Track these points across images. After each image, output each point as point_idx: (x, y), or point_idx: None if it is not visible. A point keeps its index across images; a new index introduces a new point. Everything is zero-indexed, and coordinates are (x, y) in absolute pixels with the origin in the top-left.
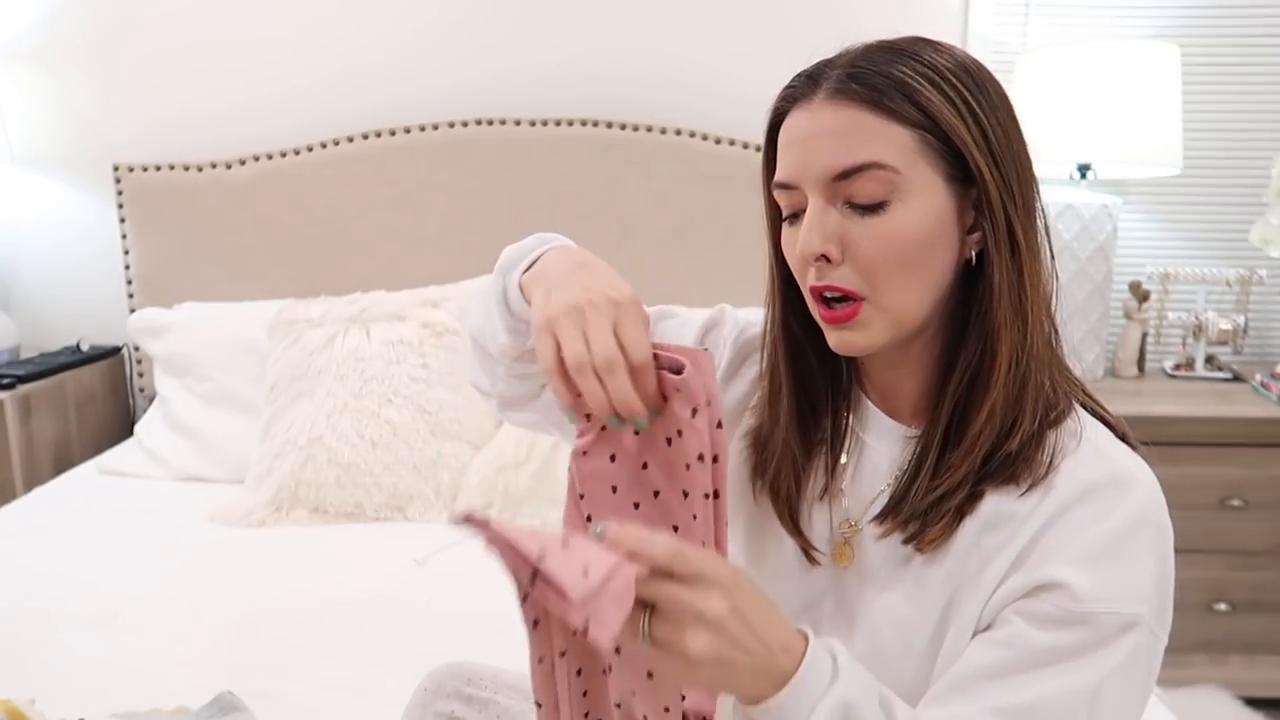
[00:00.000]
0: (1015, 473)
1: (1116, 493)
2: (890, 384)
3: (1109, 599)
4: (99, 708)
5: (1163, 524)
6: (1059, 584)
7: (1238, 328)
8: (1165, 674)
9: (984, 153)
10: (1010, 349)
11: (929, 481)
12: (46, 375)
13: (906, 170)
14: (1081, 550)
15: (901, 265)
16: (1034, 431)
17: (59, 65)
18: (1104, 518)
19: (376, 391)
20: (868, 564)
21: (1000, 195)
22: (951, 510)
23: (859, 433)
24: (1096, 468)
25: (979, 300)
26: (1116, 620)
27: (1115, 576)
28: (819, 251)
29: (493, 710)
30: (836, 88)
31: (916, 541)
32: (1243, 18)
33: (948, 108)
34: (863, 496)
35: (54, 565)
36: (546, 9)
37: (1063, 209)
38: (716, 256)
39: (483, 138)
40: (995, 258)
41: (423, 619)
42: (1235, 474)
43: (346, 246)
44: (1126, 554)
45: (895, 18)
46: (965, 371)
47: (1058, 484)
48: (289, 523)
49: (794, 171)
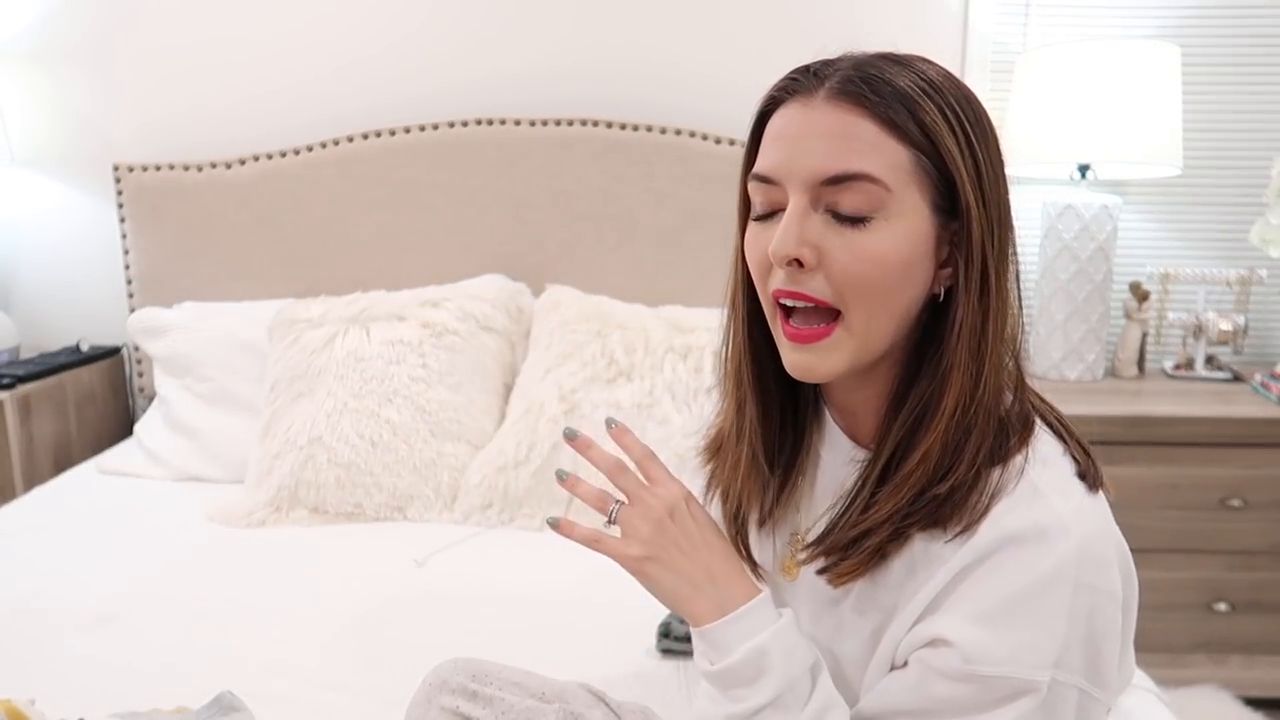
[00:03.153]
0: (943, 516)
1: (1037, 547)
2: (849, 406)
3: (999, 661)
4: (99, 708)
5: (1085, 581)
6: (947, 642)
7: (1238, 328)
8: (1165, 674)
9: (975, 188)
10: (959, 394)
11: (857, 515)
12: (46, 375)
13: (897, 190)
14: (982, 608)
15: (875, 286)
16: (970, 477)
17: (59, 65)
18: (1016, 574)
19: (376, 391)
20: (809, 581)
21: (981, 234)
22: (870, 548)
23: (818, 447)
24: (1026, 515)
25: (938, 338)
26: (1007, 685)
27: (1012, 638)
28: (792, 255)
29: (498, 707)
30: (840, 88)
31: (830, 574)
32: (1243, 18)
33: (949, 134)
34: (814, 513)
35: (54, 565)
36: (546, 8)
37: (1063, 209)
38: (716, 256)
39: (483, 138)
40: (964, 297)
41: (423, 619)
42: (1235, 474)
43: (346, 246)
44: (1029, 616)
45: (896, 17)
46: (915, 408)
47: (981, 529)
48: (289, 523)
49: (779, 167)
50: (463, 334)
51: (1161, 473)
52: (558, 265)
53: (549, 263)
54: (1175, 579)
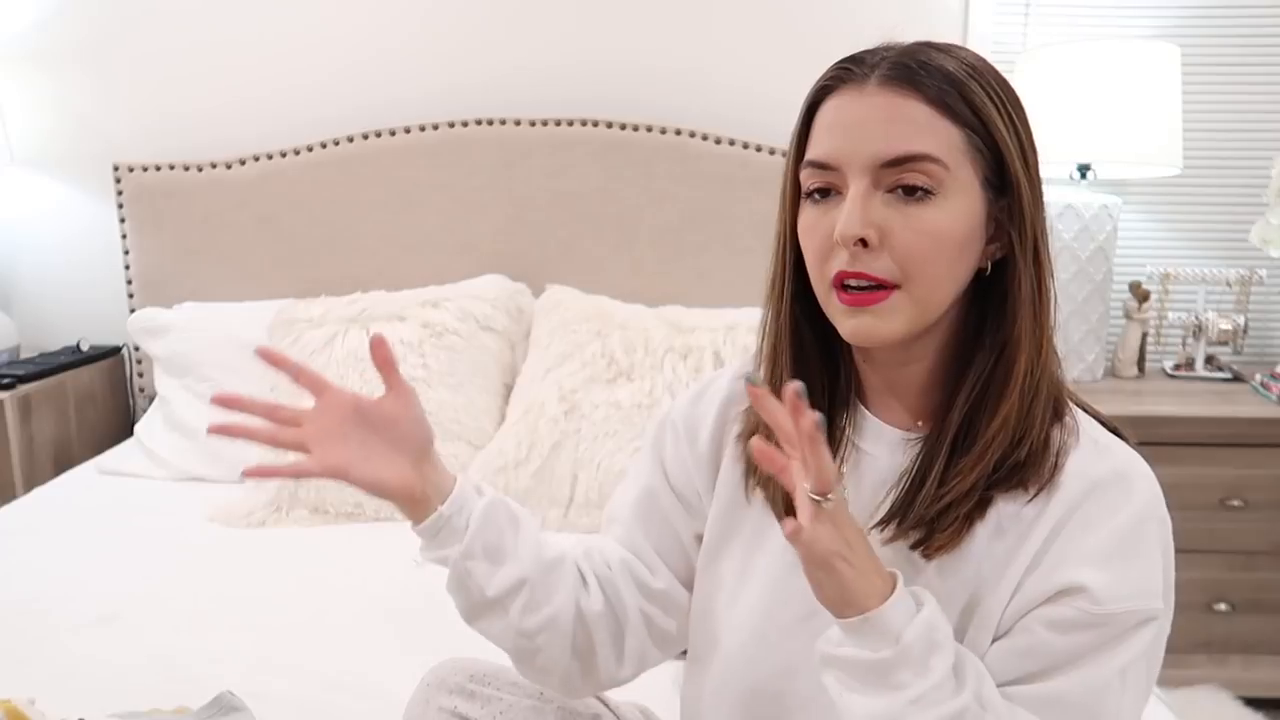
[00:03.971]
0: (1024, 478)
1: (1122, 488)
2: (891, 382)
3: (1126, 597)
4: (99, 708)
5: (1163, 515)
6: (1080, 587)
7: (1238, 328)
8: (1165, 674)
9: (1022, 163)
10: (1028, 360)
11: (936, 489)
12: (46, 375)
13: (954, 168)
14: (1096, 550)
15: (936, 260)
16: (1043, 437)
17: (59, 65)
18: (1113, 515)
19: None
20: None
21: (1029, 207)
22: (960, 517)
23: (855, 441)
24: (1099, 463)
25: (996, 310)
26: (1134, 617)
27: (1130, 574)
28: (859, 235)
29: (496, 706)
30: (892, 74)
31: (924, 548)
32: (1243, 18)
33: (996, 114)
34: (865, 503)
35: (54, 565)
36: (546, 8)
37: (1063, 209)
38: (716, 256)
39: (483, 138)
40: (1022, 269)
41: (423, 619)
42: (1235, 474)
43: (346, 246)
44: (1137, 551)
45: (896, 17)
46: (978, 379)
47: (1064, 483)
48: (289, 523)
49: (838, 152)
50: (463, 334)
51: (1161, 473)
52: (558, 265)
53: (549, 263)
54: (1175, 579)
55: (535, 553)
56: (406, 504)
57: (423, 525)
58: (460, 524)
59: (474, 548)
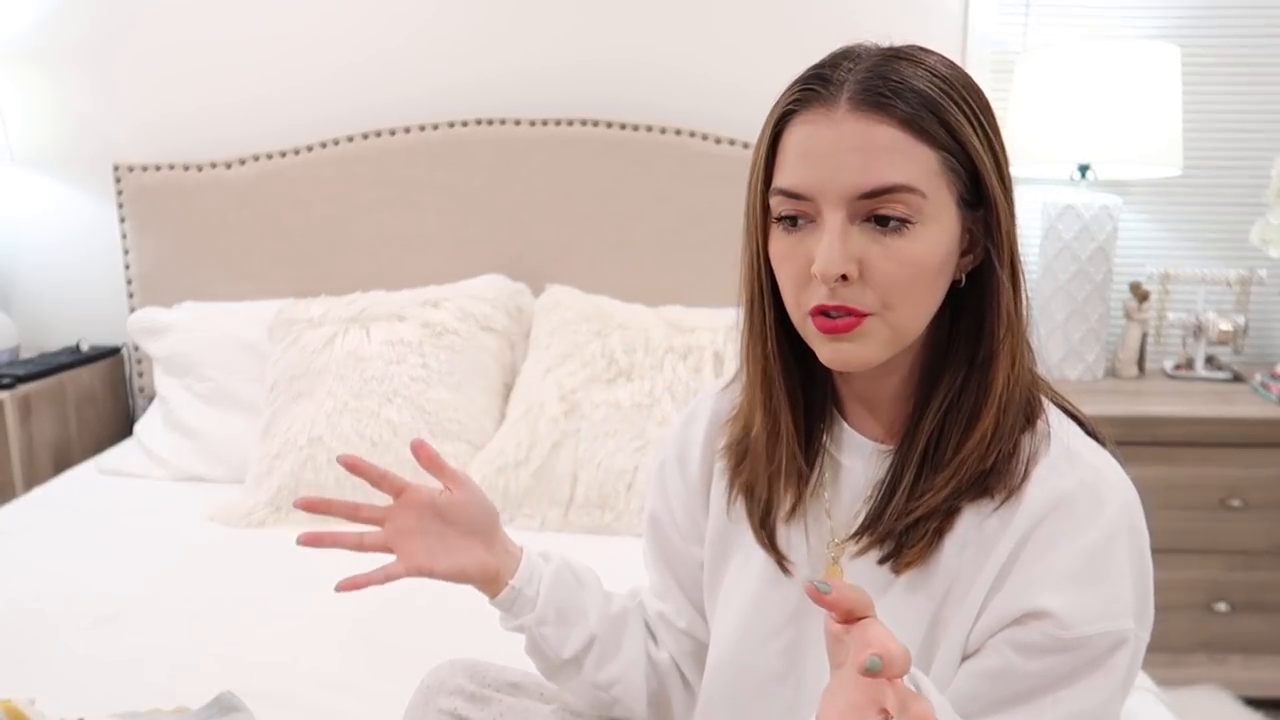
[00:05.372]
0: (989, 485)
1: (1091, 503)
2: (866, 395)
3: (1094, 619)
4: (99, 708)
5: (1135, 525)
6: (1045, 613)
7: (1238, 328)
8: (1165, 674)
9: (997, 177)
10: (1005, 374)
11: (905, 501)
12: (46, 375)
13: (931, 194)
14: (1061, 571)
15: (916, 287)
16: (1011, 445)
17: (59, 65)
18: (1080, 532)
19: (376, 391)
20: (850, 578)
21: (1005, 218)
22: (930, 531)
23: (834, 454)
24: (1069, 474)
25: (972, 321)
26: (1107, 639)
27: (1098, 595)
28: (841, 272)
29: (496, 708)
30: (863, 98)
31: (893, 562)
32: (1243, 18)
33: (972, 132)
34: (843, 516)
35: (54, 565)
36: (546, 8)
37: (1063, 209)
38: (716, 256)
39: (483, 138)
40: (1000, 281)
41: (423, 619)
42: (1235, 474)
43: (346, 246)
44: (1105, 569)
45: (895, 17)
46: (949, 392)
47: (1029, 494)
48: (289, 523)
49: (811, 183)
50: (463, 334)
51: (1161, 473)
52: (558, 265)
53: (549, 263)
54: (1175, 579)
55: (602, 609)
56: (483, 584)
57: (498, 599)
58: (531, 593)
59: (546, 614)
